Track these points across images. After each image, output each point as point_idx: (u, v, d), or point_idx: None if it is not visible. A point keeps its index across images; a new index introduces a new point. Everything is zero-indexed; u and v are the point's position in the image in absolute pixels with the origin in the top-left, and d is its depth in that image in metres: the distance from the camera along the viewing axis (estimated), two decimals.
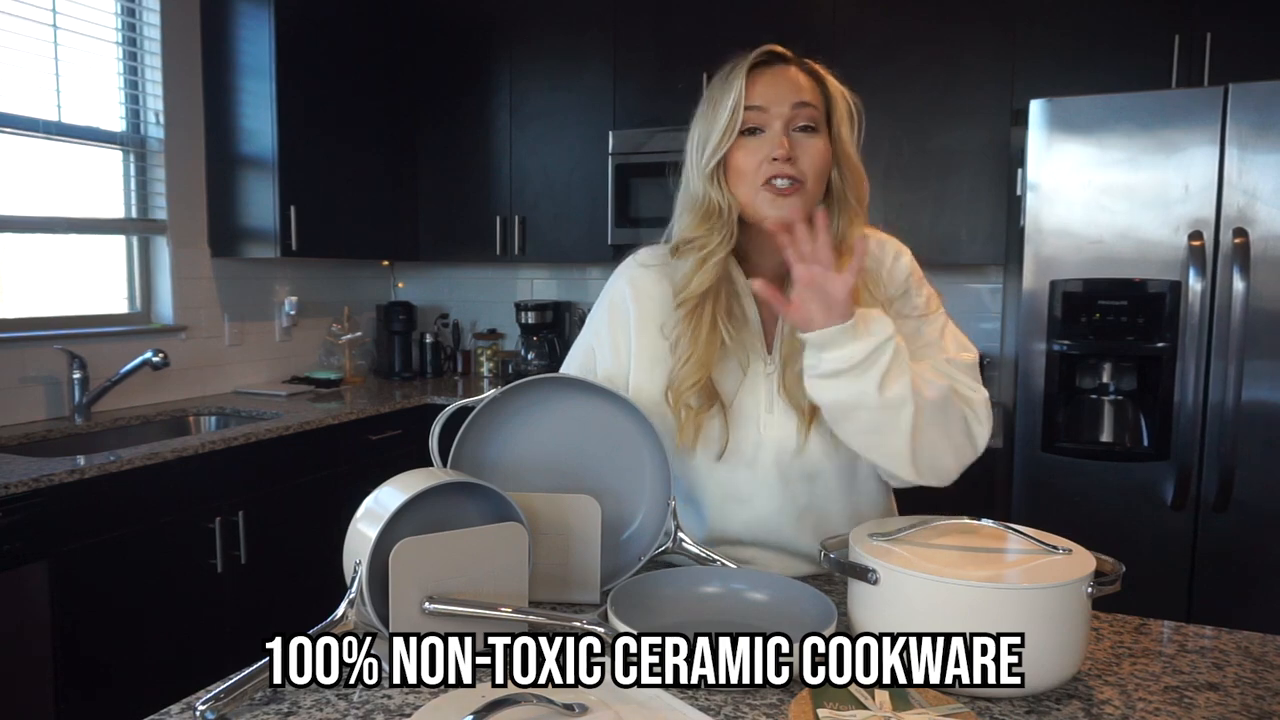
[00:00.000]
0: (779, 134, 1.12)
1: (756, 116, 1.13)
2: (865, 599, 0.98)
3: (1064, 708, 0.90)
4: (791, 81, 1.14)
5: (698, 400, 1.19)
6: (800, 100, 1.13)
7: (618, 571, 1.19)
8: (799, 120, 1.13)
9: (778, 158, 1.11)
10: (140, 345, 2.82)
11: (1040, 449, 2.40)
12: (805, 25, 3.00)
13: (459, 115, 3.60)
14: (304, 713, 0.88)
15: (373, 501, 1.03)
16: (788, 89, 1.13)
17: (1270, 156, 2.15)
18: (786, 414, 1.21)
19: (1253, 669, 1.00)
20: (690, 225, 1.19)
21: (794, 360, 1.16)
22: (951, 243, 2.92)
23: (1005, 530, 1.03)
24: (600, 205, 3.35)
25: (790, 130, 1.13)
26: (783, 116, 1.13)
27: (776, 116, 1.13)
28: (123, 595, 2.18)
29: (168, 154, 3.01)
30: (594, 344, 1.32)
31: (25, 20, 2.60)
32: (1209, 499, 2.24)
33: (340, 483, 2.84)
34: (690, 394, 1.19)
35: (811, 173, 1.13)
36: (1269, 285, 2.17)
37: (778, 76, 1.14)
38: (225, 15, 3.06)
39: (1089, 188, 2.30)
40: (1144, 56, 2.64)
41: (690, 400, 1.19)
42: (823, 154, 1.14)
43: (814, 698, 0.86)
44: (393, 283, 4.14)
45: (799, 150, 1.12)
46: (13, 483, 1.92)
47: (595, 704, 0.85)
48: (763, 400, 1.22)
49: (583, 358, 1.33)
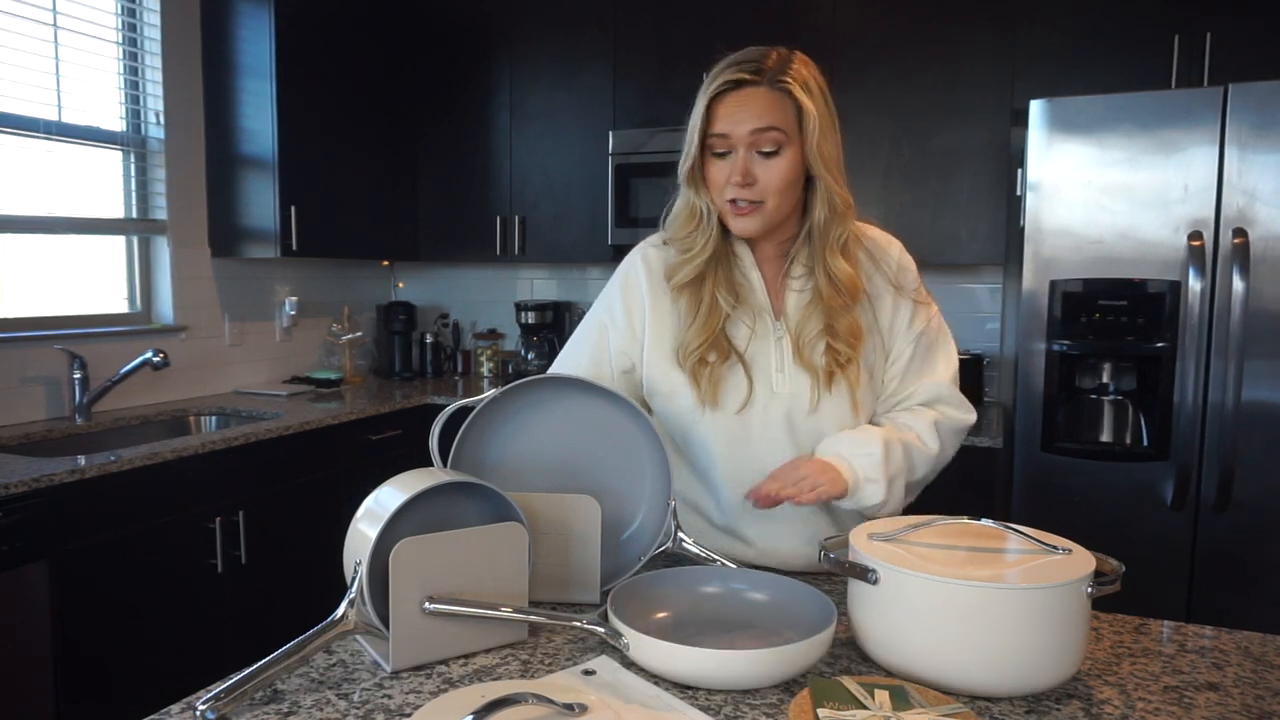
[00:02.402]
0: (741, 159, 1.19)
1: (720, 143, 1.20)
2: (865, 599, 0.98)
3: (1064, 708, 0.90)
4: (755, 106, 1.18)
5: (714, 355, 1.26)
6: (760, 126, 1.18)
7: (618, 571, 1.19)
8: (760, 145, 1.19)
9: (734, 183, 1.20)
10: (140, 345, 2.82)
11: (1040, 449, 2.40)
12: (805, 25, 2.99)
13: (459, 115, 3.60)
14: (304, 713, 0.88)
15: (373, 501, 1.03)
16: (749, 115, 1.18)
17: (1270, 156, 2.15)
18: (798, 374, 1.27)
19: (1253, 669, 1.00)
20: (679, 223, 1.28)
21: (804, 328, 1.26)
22: (951, 243, 2.92)
23: (1005, 530, 1.03)
24: (600, 205, 3.35)
25: (753, 152, 1.19)
26: (744, 141, 1.19)
27: (739, 141, 1.19)
28: (123, 595, 2.18)
29: (168, 154, 3.01)
30: (606, 321, 1.36)
31: (25, 20, 2.60)
32: (1209, 499, 2.24)
33: (340, 483, 2.84)
34: (702, 350, 1.26)
35: (772, 191, 1.20)
36: (1269, 285, 2.17)
37: (742, 101, 1.18)
38: (225, 15, 3.06)
39: (1089, 188, 2.30)
40: (1144, 56, 2.64)
41: (707, 356, 1.26)
42: (786, 172, 1.20)
43: (814, 697, 0.86)
44: (393, 283, 4.14)
45: (759, 172, 1.19)
46: (13, 483, 1.92)
47: (595, 704, 0.85)
48: (773, 360, 1.28)
49: (595, 336, 1.37)
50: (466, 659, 1.00)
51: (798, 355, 1.26)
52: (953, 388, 1.33)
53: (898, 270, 1.31)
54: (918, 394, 1.32)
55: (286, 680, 0.95)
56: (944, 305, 1.41)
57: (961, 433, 1.34)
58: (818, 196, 1.23)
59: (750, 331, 1.28)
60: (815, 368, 1.26)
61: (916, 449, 1.27)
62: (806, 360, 1.26)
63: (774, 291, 1.30)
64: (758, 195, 1.20)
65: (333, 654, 1.01)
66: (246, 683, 0.89)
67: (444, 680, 0.95)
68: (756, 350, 1.28)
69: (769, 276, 1.31)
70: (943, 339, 1.35)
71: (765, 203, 1.21)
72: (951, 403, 1.32)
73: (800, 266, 1.28)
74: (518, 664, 0.99)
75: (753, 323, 1.28)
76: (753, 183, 1.19)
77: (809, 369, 1.26)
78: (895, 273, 1.31)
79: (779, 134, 1.18)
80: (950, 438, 1.32)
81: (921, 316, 1.32)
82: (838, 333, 1.25)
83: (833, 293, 1.24)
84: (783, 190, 1.21)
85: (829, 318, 1.25)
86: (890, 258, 1.32)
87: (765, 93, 1.18)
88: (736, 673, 0.91)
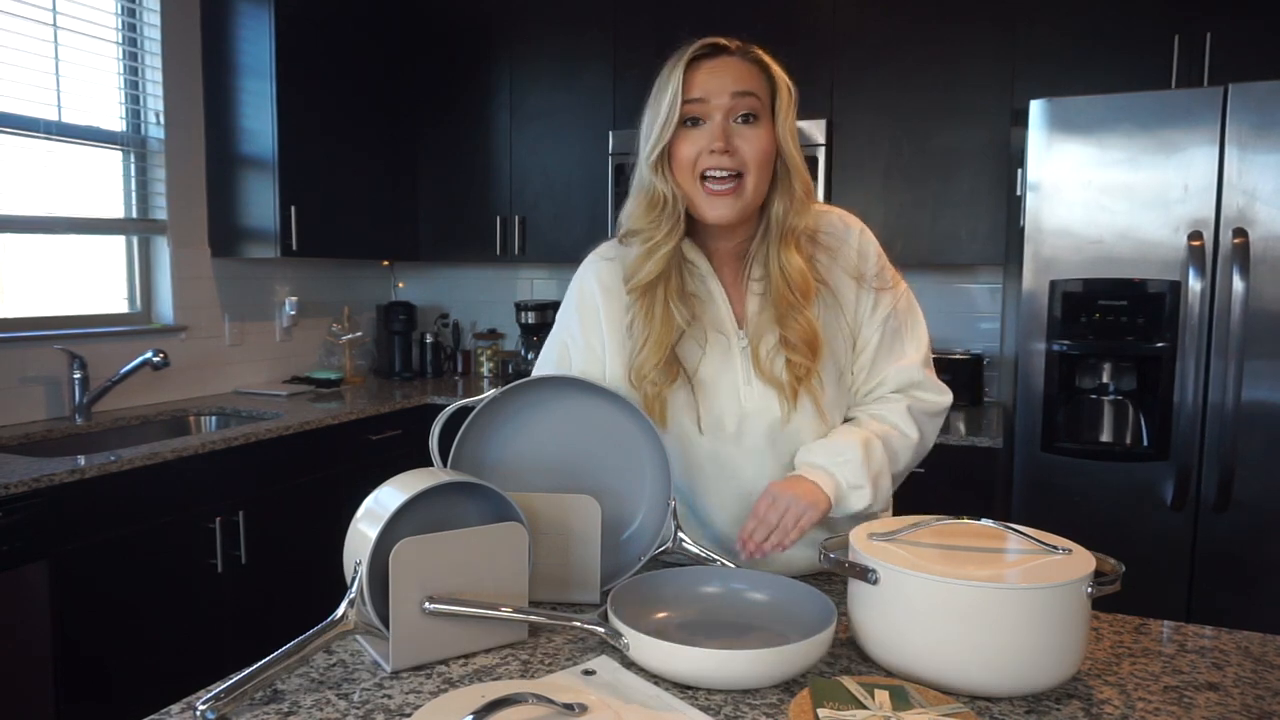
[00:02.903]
0: (719, 125, 1.14)
1: (697, 108, 1.15)
2: (865, 599, 0.98)
3: (1064, 708, 0.90)
4: (733, 71, 1.15)
5: (660, 377, 1.21)
6: (740, 89, 1.14)
7: (618, 571, 1.19)
8: (740, 110, 1.14)
9: (715, 150, 1.13)
10: (140, 345, 2.82)
11: (1040, 449, 2.40)
12: (805, 25, 3.00)
13: (459, 115, 3.60)
14: (304, 713, 0.88)
15: (373, 501, 1.03)
16: (729, 78, 1.14)
17: (1270, 156, 2.15)
18: (765, 387, 1.23)
19: (1253, 669, 1.00)
20: (637, 215, 1.21)
21: (763, 337, 1.21)
22: (951, 243, 2.92)
23: (1005, 530, 1.03)
24: (600, 205, 3.35)
25: (731, 120, 1.14)
26: (723, 107, 1.14)
27: (717, 108, 1.14)
28: (123, 595, 2.18)
29: (168, 154, 3.01)
30: (567, 341, 1.33)
31: (25, 20, 2.60)
32: (1209, 499, 2.24)
33: (340, 483, 2.84)
34: (652, 373, 1.20)
35: (753, 162, 1.14)
36: (1269, 285, 2.17)
37: (719, 67, 1.15)
38: (225, 15, 3.06)
39: (1089, 188, 2.30)
40: (1144, 56, 2.64)
41: (654, 377, 1.20)
42: (764, 142, 1.15)
43: (814, 697, 0.86)
44: (393, 283, 4.14)
45: (739, 140, 1.14)
46: (13, 483, 1.92)
47: (595, 704, 0.85)
48: (740, 374, 1.23)
49: (557, 356, 1.34)
50: (466, 659, 1.00)
51: (758, 369, 1.22)
52: (924, 370, 1.28)
53: (858, 258, 1.25)
54: (888, 381, 1.28)
55: (286, 680, 0.95)
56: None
57: (938, 416, 1.30)
58: (779, 186, 1.19)
59: (702, 352, 1.23)
60: (780, 382, 1.21)
61: (895, 439, 1.24)
62: (768, 374, 1.22)
63: (735, 298, 1.25)
64: (738, 165, 1.14)
65: (333, 654, 1.01)
66: (246, 683, 0.89)
67: (444, 680, 0.95)
68: (718, 369, 1.23)
69: (728, 282, 1.25)
70: (910, 321, 1.29)
71: (745, 177, 1.15)
72: (924, 387, 1.28)
73: (759, 267, 1.23)
74: (518, 664, 0.99)
75: (705, 341, 1.23)
76: (733, 151, 1.13)
77: (773, 383, 1.22)
78: (856, 261, 1.25)
79: (756, 101, 1.15)
80: (927, 422, 1.28)
81: (886, 302, 1.26)
82: (792, 342, 1.19)
83: (785, 290, 1.18)
84: (761, 164, 1.15)
85: (781, 322, 1.19)
86: (849, 246, 1.25)
87: (741, 61, 1.16)
88: (736, 673, 0.91)
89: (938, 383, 1.30)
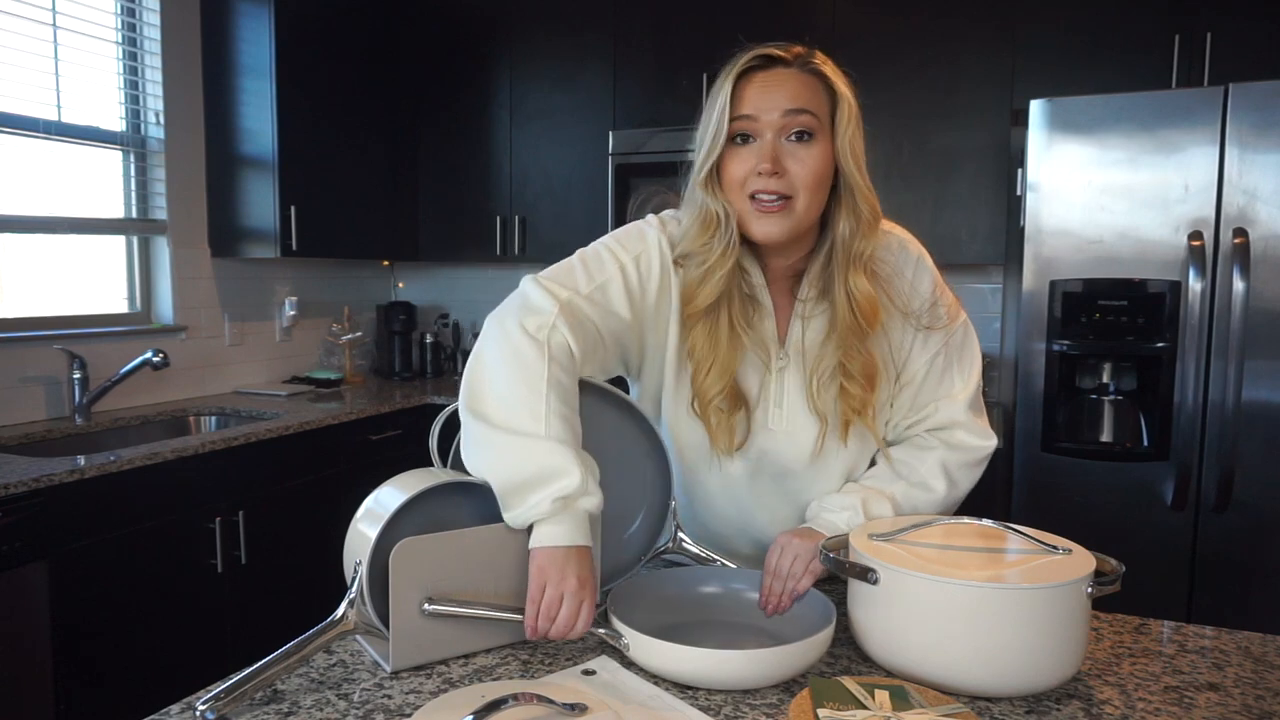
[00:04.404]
0: (769, 144, 1.06)
1: (746, 124, 1.08)
2: (865, 599, 0.98)
3: (1064, 708, 0.90)
4: (787, 86, 1.07)
5: (727, 405, 1.14)
6: (794, 107, 1.06)
7: (618, 571, 1.19)
8: (792, 128, 1.07)
9: (763, 171, 1.06)
10: (140, 345, 2.82)
11: (1040, 449, 2.40)
12: (805, 25, 2.99)
13: (459, 115, 3.60)
14: (304, 713, 0.88)
15: (373, 501, 1.03)
16: (782, 95, 1.06)
17: (1270, 156, 2.15)
18: (804, 416, 1.16)
19: (1253, 669, 1.00)
20: (692, 236, 1.12)
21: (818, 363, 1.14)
22: (951, 243, 2.92)
23: (1005, 530, 1.03)
24: (600, 205, 3.35)
25: (784, 138, 1.07)
26: (774, 125, 1.06)
27: (767, 125, 1.07)
28: (123, 595, 2.18)
29: (168, 154, 3.01)
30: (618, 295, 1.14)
31: (25, 20, 2.60)
32: (1209, 499, 2.24)
33: (340, 483, 2.84)
34: (719, 400, 1.14)
35: (803, 185, 1.07)
36: (1269, 285, 2.17)
37: (772, 81, 1.07)
38: (225, 15, 3.06)
39: (1089, 188, 2.30)
40: (1144, 56, 2.64)
41: (721, 405, 1.14)
42: (819, 162, 1.07)
43: (814, 697, 0.86)
44: (393, 283, 4.14)
45: (790, 161, 1.06)
46: (13, 483, 1.92)
47: (595, 704, 0.85)
48: (772, 394, 1.17)
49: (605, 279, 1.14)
50: (466, 659, 1.00)
51: (809, 396, 1.15)
52: (969, 413, 1.20)
53: (910, 291, 1.16)
54: (926, 419, 1.20)
55: (286, 680, 0.94)
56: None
57: (977, 465, 1.21)
58: (842, 205, 1.10)
59: (765, 371, 1.16)
60: (825, 413, 1.14)
61: (916, 498, 1.18)
62: (817, 403, 1.14)
63: (781, 317, 1.17)
64: (786, 189, 1.06)
65: (333, 654, 1.01)
66: (246, 683, 0.89)
67: (444, 680, 0.95)
68: (750, 385, 1.17)
69: (778, 300, 1.18)
70: (961, 356, 1.20)
71: (795, 199, 1.07)
72: (967, 428, 1.20)
73: (813, 289, 1.15)
74: (518, 664, 0.99)
75: (767, 358, 1.16)
76: (782, 173, 1.06)
77: (818, 414, 1.14)
78: (908, 294, 1.16)
79: (812, 118, 1.06)
80: (962, 472, 1.20)
81: (937, 339, 1.17)
82: (851, 373, 1.12)
83: (851, 318, 1.10)
84: (813, 186, 1.07)
85: (844, 352, 1.11)
86: (903, 278, 1.16)
87: (798, 74, 1.08)
88: (736, 673, 0.91)
89: (982, 425, 1.21)
